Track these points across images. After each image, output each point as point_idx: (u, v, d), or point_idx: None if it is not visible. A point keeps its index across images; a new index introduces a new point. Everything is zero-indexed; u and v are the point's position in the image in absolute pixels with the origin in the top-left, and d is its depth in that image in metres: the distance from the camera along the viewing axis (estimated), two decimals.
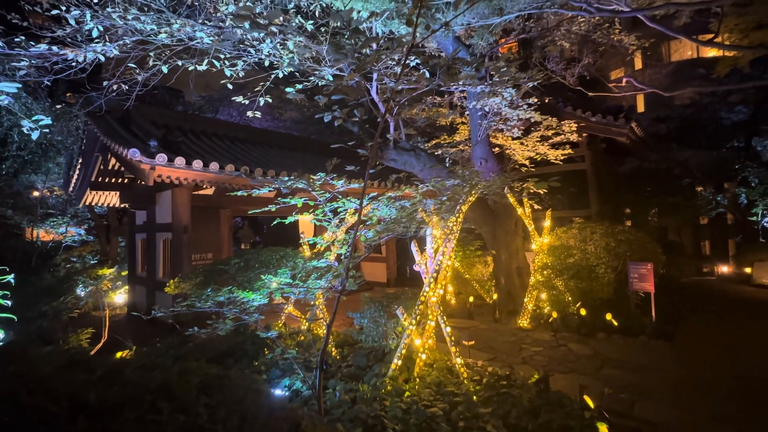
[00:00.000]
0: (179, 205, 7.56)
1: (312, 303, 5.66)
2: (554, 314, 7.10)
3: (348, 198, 4.41)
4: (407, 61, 6.39)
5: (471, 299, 8.58)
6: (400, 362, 4.36)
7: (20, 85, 3.35)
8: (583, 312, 6.88)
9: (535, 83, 6.37)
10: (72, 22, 4.10)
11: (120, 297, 10.47)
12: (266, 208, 4.40)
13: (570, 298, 7.17)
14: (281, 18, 5.37)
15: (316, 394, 3.42)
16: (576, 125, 8.55)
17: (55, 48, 4.28)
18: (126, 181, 9.15)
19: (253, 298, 3.51)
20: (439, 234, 4.71)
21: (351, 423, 3.31)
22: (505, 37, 8.21)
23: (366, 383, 4.17)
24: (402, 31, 5.70)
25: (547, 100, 9.37)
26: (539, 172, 9.44)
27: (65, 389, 0.85)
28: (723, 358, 5.44)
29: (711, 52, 15.24)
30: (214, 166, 6.77)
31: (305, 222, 11.88)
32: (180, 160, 6.33)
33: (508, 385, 4.24)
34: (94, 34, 4.29)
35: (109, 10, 4.45)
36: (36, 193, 14.74)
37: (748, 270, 11.26)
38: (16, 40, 4.11)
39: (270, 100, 5.91)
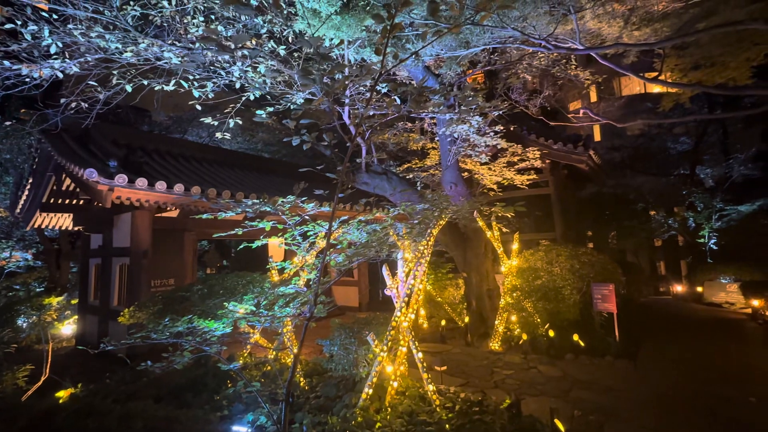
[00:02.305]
0: (139, 228, 7.17)
1: (279, 331, 5.44)
2: (524, 336, 7.18)
3: (318, 222, 4.34)
4: (378, 88, 6.56)
5: (443, 323, 8.55)
6: (371, 391, 4.21)
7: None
8: (551, 333, 7.00)
9: (500, 112, 6.69)
10: (28, 37, 3.92)
11: (68, 328, 9.63)
12: (233, 232, 4.24)
13: (539, 320, 7.29)
14: (253, 42, 5.40)
15: (281, 429, 3.22)
16: (539, 152, 8.99)
17: (7, 63, 4.05)
18: (81, 202, 8.61)
19: (215, 327, 3.31)
20: (410, 257, 4.70)
21: None
22: (472, 68, 8.63)
23: (335, 415, 3.99)
24: (374, 59, 5.86)
25: (512, 128, 9.83)
26: (507, 196, 9.78)
27: None
28: (683, 375, 5.65)
29: (656, 88, 16.70)
30: (179, 188, 6.51)
31: (274, 246, 11.58)
32: (142, 182, 6.05)
33: (481, 411, 4.18)
34: (53, 50, 4.12)
35: (70, 26, 4.31)
36: None
37: (699, 289, 11.96)
38: None
39: (240, 122, 5.84)
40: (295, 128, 4.54)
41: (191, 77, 5.31)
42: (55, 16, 4.06)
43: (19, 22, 3.89)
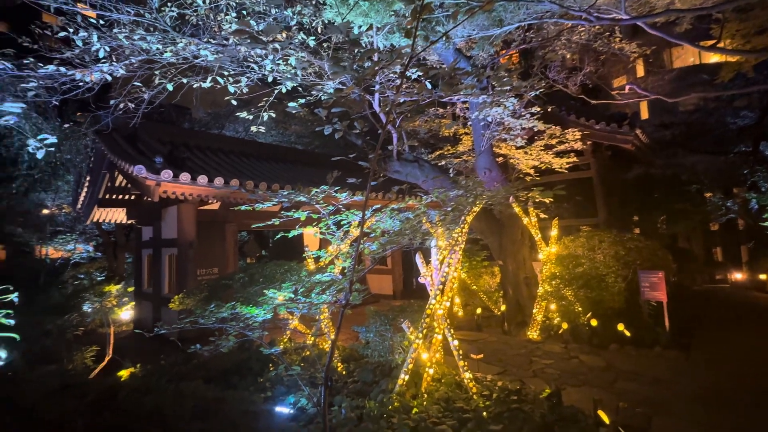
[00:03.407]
0: (185, 220, 7.59)
1: (317, 317, 5.60)
2: (564, 325, 6.94)
3: (352, 210, 4.38)
4: (408, 74, 6.47)
5: (479, 311, 8.44)
6: (407, 377, 4.26)
7: (24, 105, 3.41)
8: (594, 322, 6.72)
9: (537, 92, 6.37)
10: (79, 43, 4.19)
11: (126, 313, 10.45)
12: (270, 222, 4.39)
13: (580, 309, 7.02)
14: (283, 35, 5.47)
15: (321, 411, 3.34)
16: (580, 133, 8.52)
17: (63, 69, 4.36)
18: (133, 197, 9.23)
19: (257, 313, 3.46)
20: (444, 245, 4.65)
21: None
22: (506, 48, 8.27)
23: (372, 399, 4.07)
24: (403, 43, 5.76)
25: (550, 109, 9.35)
26: (544, 180, 9.38)
27: (52, 416, 0.82)
28: (742, 369, 5.25)
29: (714, 58, 15.21)
30: (218, 181, 6.81)
31: (310, 235, 11.87)
32: (185, 176, 6.37)
33: (519, 400, 4.11)
34: (101, 54, 4.38)
35: (115, 30, 4.56)
36: (46, 211, 14.94)
37: (763, 277, 10.98)
38: (25, 62, 4.20)
39: (274, 115, 5.96)
40: (327, 117, 4.58)
41: (226, 73, 5.48)
42: (102, 22, 4.31)
43: (71, 30, 4.16)
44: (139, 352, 6.73)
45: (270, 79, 5.71)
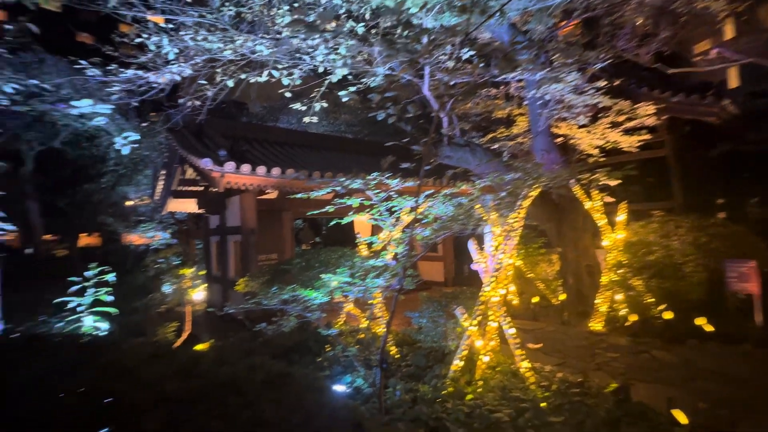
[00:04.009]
0: (246, 209, 8.11)
1: (370, 302, 5.74)
2: (632, 317, 6.44)
3: (404, 197, 4.39)
4: (460, 54, 6.21)
5: (535, 300, 8.11)
6: (461, 363, 4.24)
7: (114, 107, 3.83)
8: (667, 315, 6.16)
9: (603, 64, 5.83)
10: (152, 47, 4.57)
11: (199, 294, 11.49)
12: (324, 209, 4.54)
13: (651, 300, 6.46)
14: (333, 23, 5.52)
15: (377, 392, 3.45)
16: (654, 108, 7.68)
17: (140, 72, 4.81)
18: (201, 189, 10.04)
19: (315, 296, 3.63)
20: (498, 231, 4.50)
21: (412, 423, 3.28)
22: (566, 18, 7.63)
23: (426, 384, 4.12)
24: (453, 22, 5.55)
25: (617, 82, 8.53)
26: (610, 161, 8.64)
27: (148, 379, 0.94)
28: None
29: None
30: (276, 171, 7.16)
31: (362, 222, 12.10)
32: (246, 167, 6.79)
33: (582, 393, 3.92)
34: (171, 56, 4.75)
35: (181, 33, 4.91)
36: (129, 203, 16.78)
37: None
38: (109, 68, 4.70)
39: (326, 105, 6.10)
40: (378, 103, 4.58)
41: (280, 66, 5.68)
42: (171, 26, 4.66)
43: (145, 36, 4.56)
44: (210, 329, 7.40)
45: (321, 69, 5.83)
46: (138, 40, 4.62)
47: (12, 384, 0.87)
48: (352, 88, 5.50)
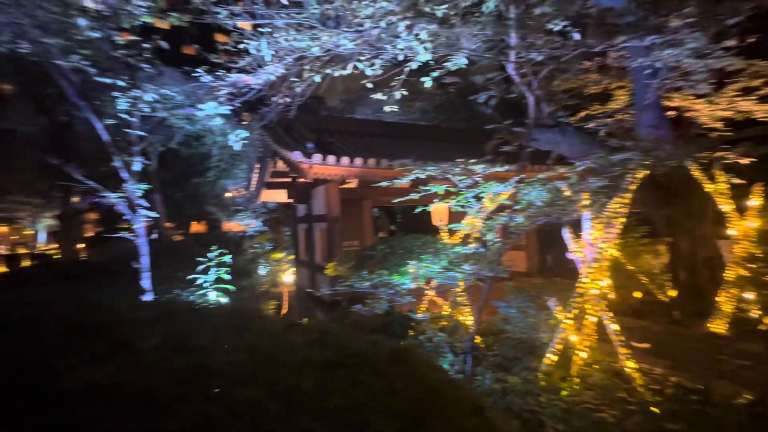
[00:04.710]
0: (331, 198, 8.58)
1: (452, 289, 5.71)
2: (767, 320, 5.44)
3: (490, 183, 4.24)
4: (550, 27, 5.72)
5: (637, 295, 7.28)
6: (554, 357, 4.02)
7: (232, 107, 4.33)
8: None
9: (737, 19, 4.87)
10: (253, 51, 5.01)
11: (288, 277, 12.60)
12: (408, 197, 4.59)
13: None
14: (411, 12, 5.46)
15: (466, 379, 3.45)
16: None
17: (242, 75, 5.33)
18: (290, 180, 10.86)
19: (403, 281, 3.73)
20: (599, 218, 4.11)
21: (505, 414, 3.22)
22: None
23: (516, 375, 4.00)
24: None
25: (752, 39, 7.07)
26: (740, 136, 7.27)
27: (292, 345, 1.07)
28: None
29: None
30: (358, 161, 7.43)
31: (439, 210, 12.00)
32: (331, 158, 7.16)
33: (702, 402, 3.45)
34: (267, 58, 5.17)
35: (275, 35, 5.30)
36: (228, 194, 18.88)
37: None
38: (217, 74, 5.29)
39: (406, 93, 6.12)
40: (459, 87, 4.44)
41: (363, 58, 5.81)
42: (268, 29, 5.05)
43: (246, 42, 5.01)
44: (302, 309, 8.07)
45: (401, 57, 5.84)
46: (241, 45, 5.09)
47: (198, 342, 1.08)
48: (435, 74, 5.43)
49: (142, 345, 1.04)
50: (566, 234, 4.32)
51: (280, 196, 12.30)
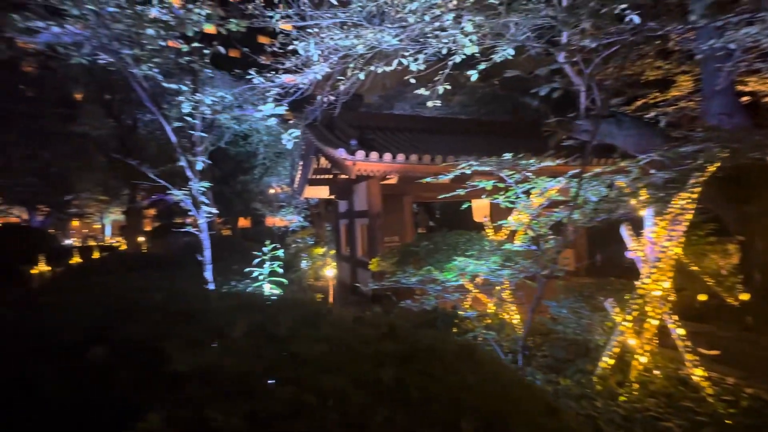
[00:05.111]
0: (372, 194, 8.67)
1: (497, 287, 5.58)
2: None
3: (541, 177, 4.09)
4: (607, 10, 5.40)
5: (702, 297, 6.73)
6: (611, 361, 3.82)
7: (287, 107, 4.51)
8: None
9: None
10: (302, 52, 5.15)
11: (330, 271, 12.91)
12: (455, 192, 4.54)
13: None
14: (455, 1, 5.36)
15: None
16: None
17: (290, 76, 5.50)
18: (331, 176, 11.10)
19: (449, 278, 3.70)
20: (663, 214, 3.83)
21: (578, 417, 3.11)
22: None
23: (569, 378, 3.84)
24: None
25: None
26: None
27: (366, 338, 1.11)
28: None
29: None
30: (400, 157, 7.44)
31: (479, 206, 11.76)
32: (374, 155, 7.22)
33: None
34: (315, 58, 5.29)
35: (322, 35, 5.41)
36: (272, 191, 19.62)
37: None
38: (267, 75, 5.49)
39: (449, 87, 6.03)
40: (499, 81, 4.29)
41: (406, 53, 5.79)
42: (315, 30, 5.17)
43: (295, 43, 5.16)
44: (343, 302, 8.24)
45: (444, 51, 5.75)
46: (290, 47, 5.25)
47: (280, 332, 1.15)
48: (481, 66, 5.30)
49: (233, 333, 1.12)
50: (625, 231, 4.08)
51: (323, 192, 12.61)
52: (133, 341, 1.04)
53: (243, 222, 25.35)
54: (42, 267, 13.05)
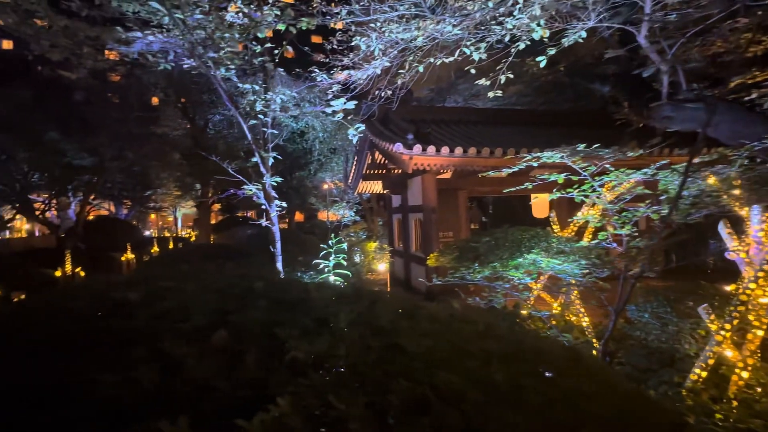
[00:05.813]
0: (427, 189, 8.57)
1: (563, 287, 5.25)
2: None
3: (621, 170, 3.75)
4: None
5: None
6: (704, 374, 3.43)
7: (356, 102, 4.60)
8: None
9: None
10: (363, 47, 5.19)
11: (381, 266, 13.03)
12: (521, 186, 4.32)
13: None
14: None
15: None
16: None
17: (351, 72, 5.58)
18: (385, 171, 11.16)
19: (519, 276, 3.54)
20: None
21: None
22: None
23: (652, 389, 3.52)
24: None
25: None
26: None
27: (464, 335, 1.08)
28: None
29: None
30: (458, 150, 7.26)
31: (540, 202, 11.17)
32: (431, 149, 7.12)
33: None
34: (376, 53, 5.30)
35: (382, 30, 5.40)
36: (325, 186, 20.21)
37: None
38: (329, 72, 5.62)
39: (511, 76, 5.75)
40: (565, 67, 3.97)
41: (467, 42, 5.60)
42: (376, 25, 5.18)
43: (356, 39, 5.21)
44: (397, 297, 8.26)
45: (507, 38, 5.49)
46: (350, 44, 5.31)
47: (381, 324, 1.17)
48: (551, 51, 4.99)
49: (338, 323, 1.14)
50: (723, 230, 3.63)
51: (376, 187, 12.74)
52: (248, 327, 1.10)
53: (298, 216, 26.43)
54: (128, 255, 14.65)
